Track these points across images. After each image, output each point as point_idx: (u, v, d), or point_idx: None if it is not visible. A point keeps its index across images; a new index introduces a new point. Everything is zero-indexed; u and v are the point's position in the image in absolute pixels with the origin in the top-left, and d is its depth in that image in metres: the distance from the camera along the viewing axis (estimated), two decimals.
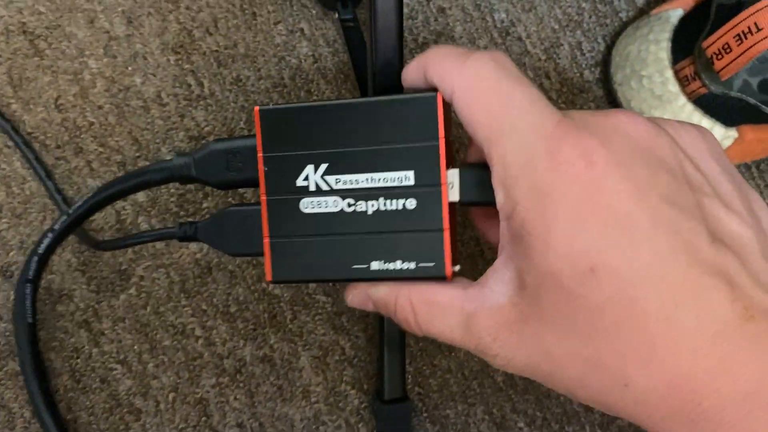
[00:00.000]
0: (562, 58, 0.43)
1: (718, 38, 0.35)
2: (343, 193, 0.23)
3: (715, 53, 0.35)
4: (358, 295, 0.25)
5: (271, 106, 0.24)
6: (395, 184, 0.23)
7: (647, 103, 0.40)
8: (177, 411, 0.36)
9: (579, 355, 0.19)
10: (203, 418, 0.36)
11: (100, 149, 0.38)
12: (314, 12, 0.41)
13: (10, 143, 0.37)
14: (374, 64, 0.27)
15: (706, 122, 0.38)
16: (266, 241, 0.24)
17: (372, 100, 0.23)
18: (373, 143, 0.23)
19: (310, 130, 0.23)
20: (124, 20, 0.39)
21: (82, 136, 0.38)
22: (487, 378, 0.38)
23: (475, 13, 0.43)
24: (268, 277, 0.24)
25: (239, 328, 0.37)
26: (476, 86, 0.21)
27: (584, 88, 0.43)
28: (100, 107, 0.38)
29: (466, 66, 0.21)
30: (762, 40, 0.33)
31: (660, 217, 0.18)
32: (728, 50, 0.34)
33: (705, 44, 0.36)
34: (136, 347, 0.36)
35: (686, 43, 0.38)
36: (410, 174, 0.23)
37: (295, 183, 0.24)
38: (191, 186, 0.38)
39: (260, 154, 0.24)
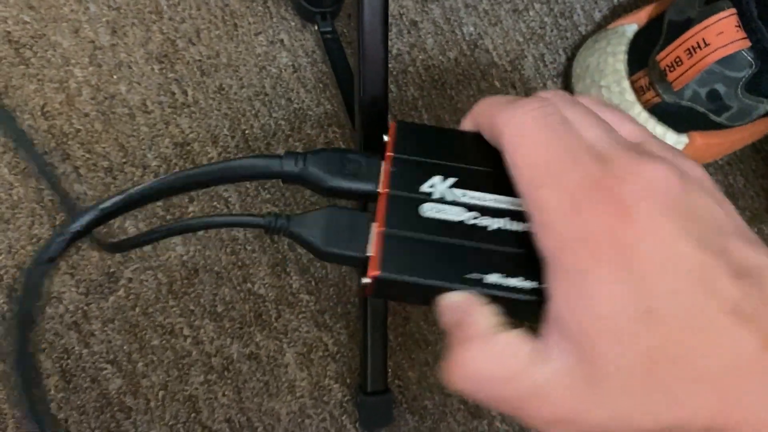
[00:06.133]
0: (526, 69, 0.46)
1: (671, 52, 0.38)
2: (469, 206, 0.23)
3: (667, 66, 0.38)
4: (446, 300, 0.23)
5: (408, 122, 0.24)
6: (523, 209, 0.22)
7: None
8: (167, 408, 0.37)
9: (631, 392, 0.20)
10: (192, 415, 0.37)
11: (87, 155, 0.39)
12: (293, 23, 0.43)
13: None
14: (361, 101, 0.28)
15: (659, 129, 0.42)
16: (379, 230, 0.22)
17: None
18: (507, 171, 0.22)
19: (444, 148, 0.24)
20: (109, 30, 0.40)
21: (68, 142, 0.39)
22: None
23: (446, 26, 0.45)
24: (375, 271, 0.21)
25: (226, 327, 0.38)
26: (521, 135, 0.22)
27: None
28: (86, 114, 0.39)
29: (512, 114, 0.22)
30: (709, 54, 0.36)
31: (693, 262, 0.20)
32: (680, 63, 0.38)
33: (658, 58, 0.39)
34: (125, 347, 0.37)
35: (641, 55, 0.41)
36: None
37: (419, 188, 0.23)
38: None
39: (389, 154, 0.23)
